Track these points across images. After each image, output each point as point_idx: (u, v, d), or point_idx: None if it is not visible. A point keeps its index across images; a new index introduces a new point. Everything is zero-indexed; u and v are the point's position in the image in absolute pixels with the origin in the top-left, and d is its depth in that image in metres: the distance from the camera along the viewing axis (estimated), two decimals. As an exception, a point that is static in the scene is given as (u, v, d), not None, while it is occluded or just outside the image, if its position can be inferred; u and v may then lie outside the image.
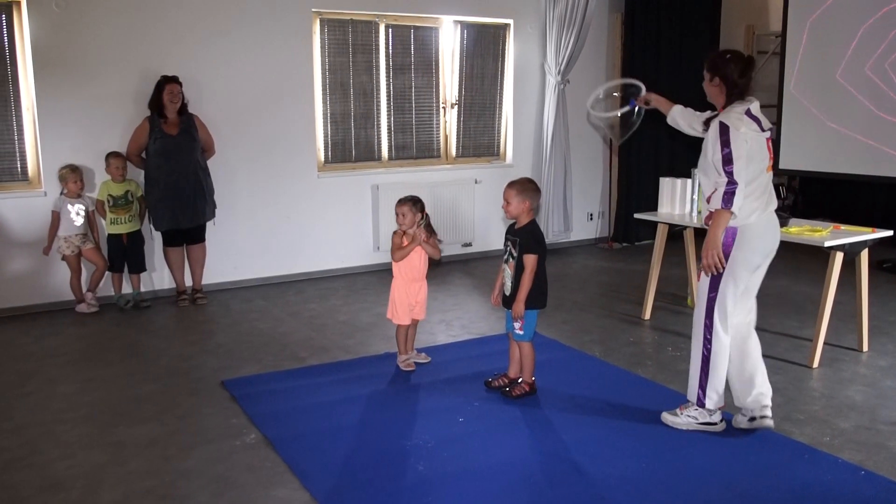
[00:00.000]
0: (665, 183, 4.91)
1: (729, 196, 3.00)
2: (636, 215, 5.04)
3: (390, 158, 6.59)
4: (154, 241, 5.57)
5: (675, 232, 5.06)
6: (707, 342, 3.21)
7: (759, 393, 3.26)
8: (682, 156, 7.50)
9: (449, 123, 6.81)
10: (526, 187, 3.59)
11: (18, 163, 5.24)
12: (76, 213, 5.16)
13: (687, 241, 5.11)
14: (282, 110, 5.95)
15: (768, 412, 3.25)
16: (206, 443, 3.22)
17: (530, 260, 3.53)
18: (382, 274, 6.28)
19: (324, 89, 6.17)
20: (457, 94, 6.78)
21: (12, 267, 5.20)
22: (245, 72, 5.77)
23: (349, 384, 3.86)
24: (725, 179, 3.01)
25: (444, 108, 6.76)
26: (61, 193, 5.18)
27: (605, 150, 7.61)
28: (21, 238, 5.20)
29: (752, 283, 3.28)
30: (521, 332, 3.62)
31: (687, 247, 5.12)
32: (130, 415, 3.53)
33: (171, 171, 5.23)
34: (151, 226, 5.42)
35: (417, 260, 3.97)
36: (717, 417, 3.29)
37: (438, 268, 6.43)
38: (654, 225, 5.01)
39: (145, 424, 3.42)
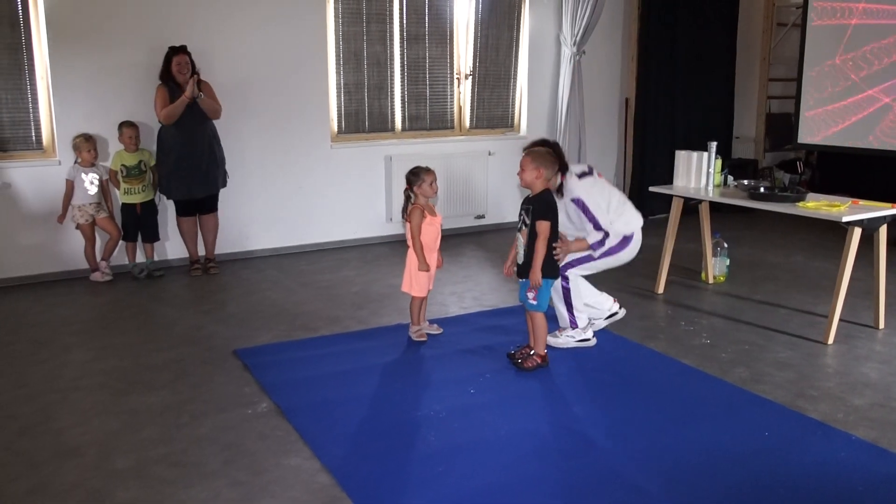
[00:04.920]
0: (681, 156, 4.84)
1: (599, 242, 3.77)
2: (651, 188, 4.97)
3: (404, 129, 6.54)
4: (167, 211, 5.58)
5: (691, 206, 5.00)
6: (565, 281, 3.89)
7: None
8: (696, 129, 7.42)
9: (463, 94, 6.75)
10: (542, 156, 3.56)
11: (33, 131, 5.24)
12: (90, 182, 5.17)
13: (702, 215, 5.06)
14: (295, 80, 5.90)
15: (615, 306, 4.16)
16: (219, 411, 3.24)
17: (543, 227, 3.50)
18: (395, 245, 6.27)
19: (337, 59, 6.11)
20: (471, 65, 6.70)
21: (27, 235, 5.23)
22: (258, 41, 5.72)
23: (361, 354, 3.87)
24: (600, 234, 3.75)
25: (458, 78, 6.69)
26: (75, 162, 5.19)
27: (620, 123, 7.52)
28: (36, 207, 5.22)
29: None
30: (535, 303, 3.60)
31: (702, 221, 5.07)
32: (144, 383, 3.56)
33: (185, 140, 5.21)
34: (163, 195, 5.42)
35: (437, 230, 3.98)
36: (589, 334, 3.98)
37: (451, 240, 6.41)
38: (667, 198, 4.95)
39: (158, 392, 3.45)
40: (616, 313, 4.16)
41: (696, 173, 4.74)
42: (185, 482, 2.69)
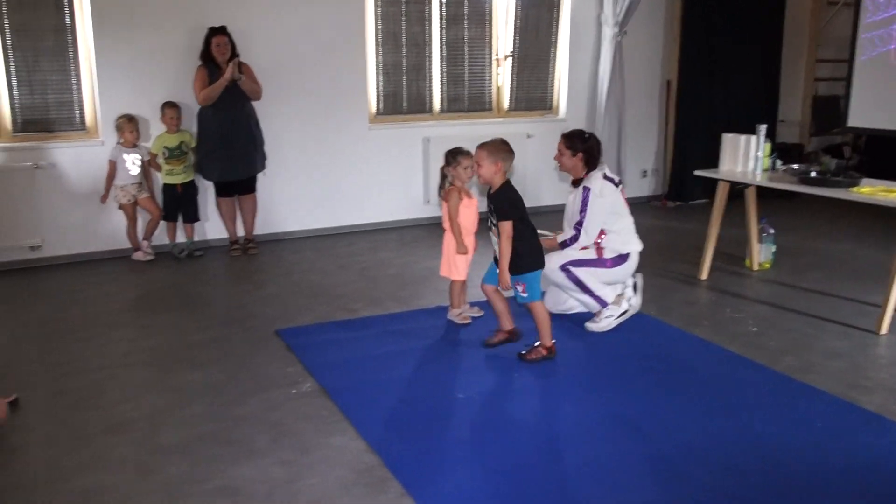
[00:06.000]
0: (728, 139, 4.73)
1: (568, 240, 3.89)
2: (696, 172, 4.87)
3: (442, 111, 6.49)
4: (207, 192, 5.62)
5: (737, 190, 4.89)
6: (567, 274, 3.89)
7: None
8: (739, 113, 7.24)
9: (502, 76, 6.67)
10: (498, 148, 3.42)
11: (77, 112, 5.29)
12: (132, 163, 5.22)
13: (748, 200, 4.94)
14: (333, 61, 5.88)
15: None
16: (263, 390, 3.26)
17: (506, 227, 3.38)
18: (432, 227, 6.24)
19: (376, 40, 6.07)
20: (510, 46, 6.62)
21: (71, 214, 5.30)
22: (297, 22, 5.70)
23: (402, 336, 3.87)
24: (573, 233, 3.86)
25: (497, 60, 6.61)
26: (118, 143, 5.24)
27: (662, 106, 7.38)
28: (79, 186, 5.28)
29: None
30: (525, 295, 3.46)
31: (748, 206, 4.95)
32: (188, 361, 3.59)
33: (224, 122, 5.24)
34: (201, 175, 5.45)
35: (474, 213, 3.95)
36: (625, 305, 3.94)
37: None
38: (708, 184, 4.85)
39: (203, 371, 3.48)
40: (626, 311, 4.00)
41: (744, 157, 4.62)
42: (233, 460, 2.71)
